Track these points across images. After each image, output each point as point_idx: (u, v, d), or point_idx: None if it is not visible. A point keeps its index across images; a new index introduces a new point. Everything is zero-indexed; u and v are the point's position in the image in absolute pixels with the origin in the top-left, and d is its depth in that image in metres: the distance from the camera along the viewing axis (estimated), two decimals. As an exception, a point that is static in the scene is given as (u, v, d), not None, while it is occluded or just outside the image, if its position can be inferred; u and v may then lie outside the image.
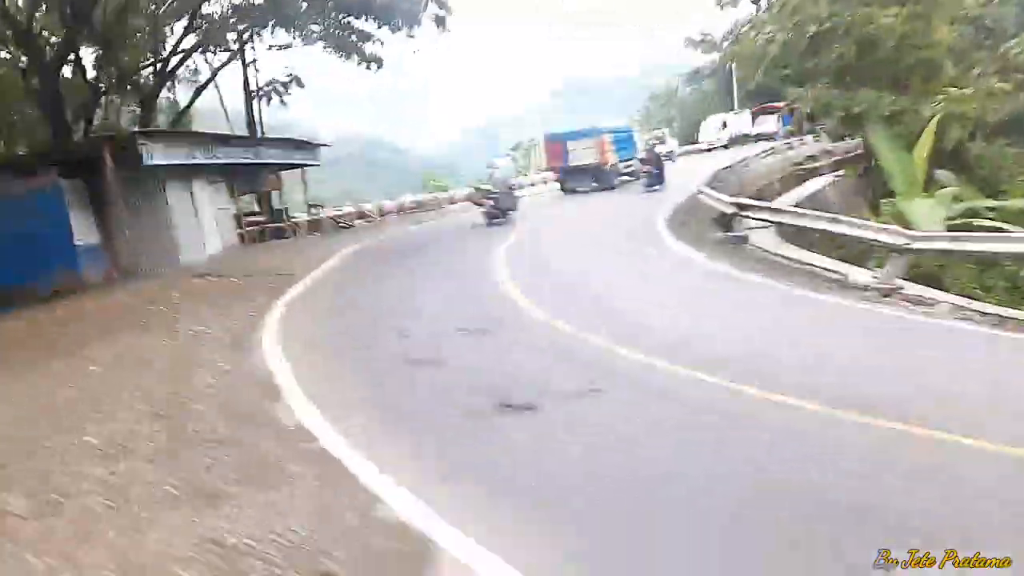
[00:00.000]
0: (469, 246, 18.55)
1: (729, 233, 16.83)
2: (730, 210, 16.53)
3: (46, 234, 15.85)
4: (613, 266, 14.55)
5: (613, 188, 29.89)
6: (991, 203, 15.40)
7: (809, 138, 38.85)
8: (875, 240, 12.33)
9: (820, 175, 30.54)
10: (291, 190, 29.33)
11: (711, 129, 55.01)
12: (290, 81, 22.53)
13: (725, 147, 48.09)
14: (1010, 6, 20.72)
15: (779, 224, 15.83)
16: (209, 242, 19.27)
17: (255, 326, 11.16)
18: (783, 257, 14.54)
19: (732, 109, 58.30)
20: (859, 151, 33.32)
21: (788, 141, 37.69)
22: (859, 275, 12.36)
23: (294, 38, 22.29)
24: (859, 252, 16.24)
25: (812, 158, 35.39)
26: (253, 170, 23.51)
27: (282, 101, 22.59)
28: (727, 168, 25.75)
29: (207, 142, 19.06)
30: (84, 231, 16.41)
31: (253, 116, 25.35)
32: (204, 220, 19.14)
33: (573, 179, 30.67)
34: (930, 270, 13.35)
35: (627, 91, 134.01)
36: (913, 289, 11.48)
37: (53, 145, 18.66)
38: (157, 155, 16.58)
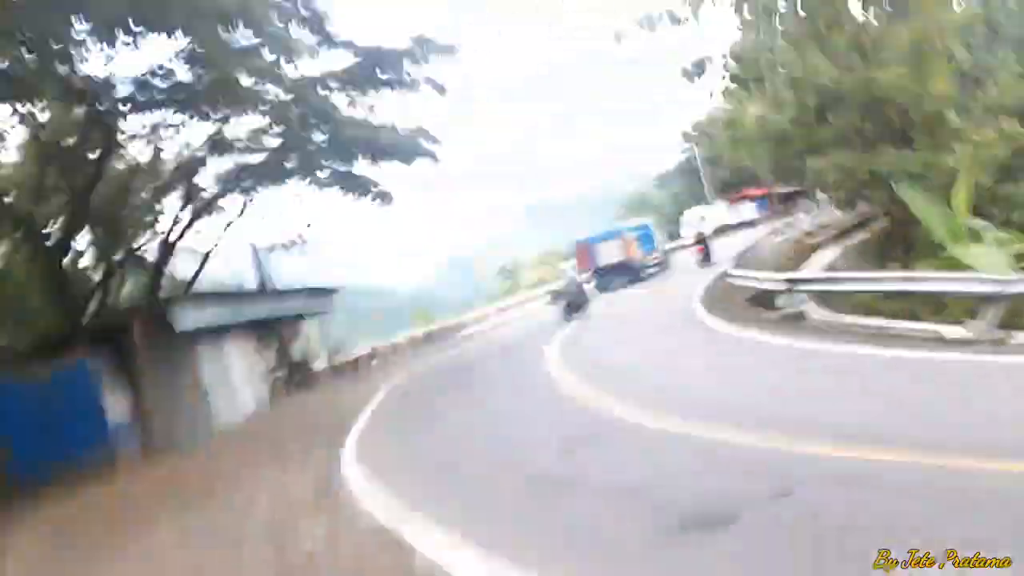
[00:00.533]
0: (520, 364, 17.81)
1: (783, 310, 16.25)
2: (782, 287, 16.00)
3: (75, 415, 14.97)
4: (690, 361, 13.84)
5: (642, 280, 31.56)
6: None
7: (803, 215, 39.25)
8: (962, 291, 11.74)
9: (823, 248, 30.64)
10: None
11: (691, 224, 56.26)
12: (308, 231, 22.52)
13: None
14: (991, 54, 21.34)
15: (839, 292, 15.29)
16: (243, 401, 18.39)
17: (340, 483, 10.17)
18: (856, 326, 13.89)
19: (704, 202, 59.79)
20: (864, 218, 33.75)
21: (787, 221, 37.98)
22: (950, 331, 11.68)
23: (308, 183, 22.39)
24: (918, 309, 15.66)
25: (810, 234, 35.62)
26: (272, 323, 22.97)
27: (303, 250, 22.47)
28: (745, 252, 25.55)
29: (234, 300, 18.56)
30: (115, 409, 15.53)
31: (262, 271, 25.09)
32: (236, 379, 18.34)
33: (605, 278, 32.88)
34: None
35: (589, 206, 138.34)
36: (1019, 338, 10.79)
37: (68, 326, 18.04)
38: (188, 320, 15.98)
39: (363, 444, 12.39)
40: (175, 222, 22.84)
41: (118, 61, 17.09)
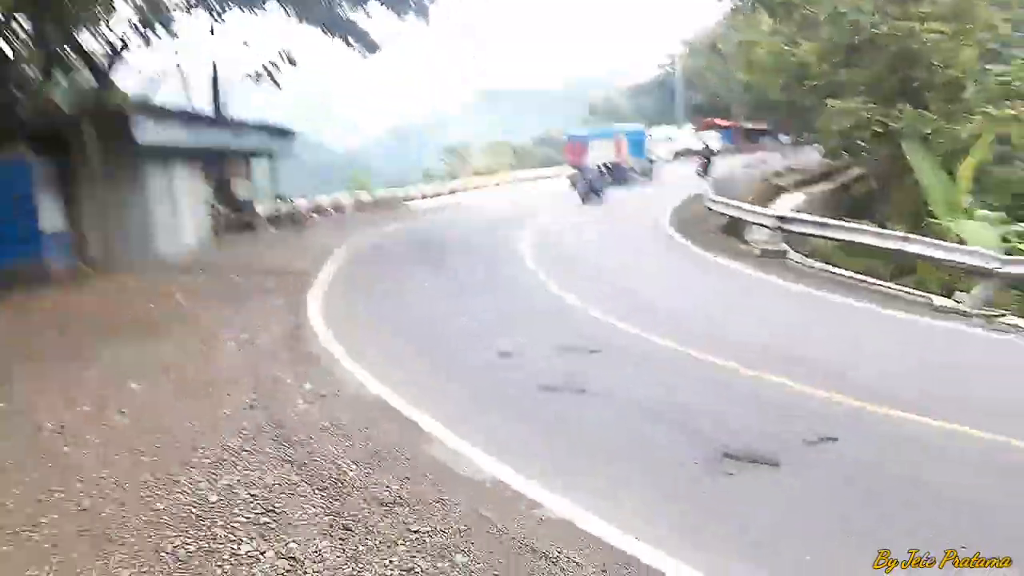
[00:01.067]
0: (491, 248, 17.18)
1: (763, 245, 16.08)
2: (771, 223, 15.75)
3: (4, 217, 13.47)
4: (673, 284, 13.55)
5: (626, 183, 31.63)
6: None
7: (775, 155, 39.23)
8: (962, 262, 11.70)
9: (789, 191, 30.75)
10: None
11: (658, 141, 55.52)
12: (281, 61, 20.38)
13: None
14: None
15: (830, 239, 15.17)
16: (186, 234, 17.05)
17: (302, 337, 9.51)
18: (842, 275, 13.85)
19: (673, 123, 58.90)
20: (830, 169, 34.10)
21: (761, 157, 37.91)
22: (940, 300, 11.72)
23: (289, 15, 20.12)
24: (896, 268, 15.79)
25: (779, 174, 35.71)
26: (220, 156, 21.29)
27: (275, 82, 20.42)
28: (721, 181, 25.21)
29: (191, 123, 16.85)
30: (49, 216, 14.06)
31: (219, 98, 23.01)
32: (182, 209, 16.90)
33: (593, 176, 31.75)
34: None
35: (550, 101, 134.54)
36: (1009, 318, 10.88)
37: (5, 118, 16.03)
38: (148, 133, 14.38)
39: (330, 304, 11.67)
40: (131, 26, 20.45)
41: None
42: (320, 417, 6.53)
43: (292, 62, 20.05)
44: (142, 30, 19.92)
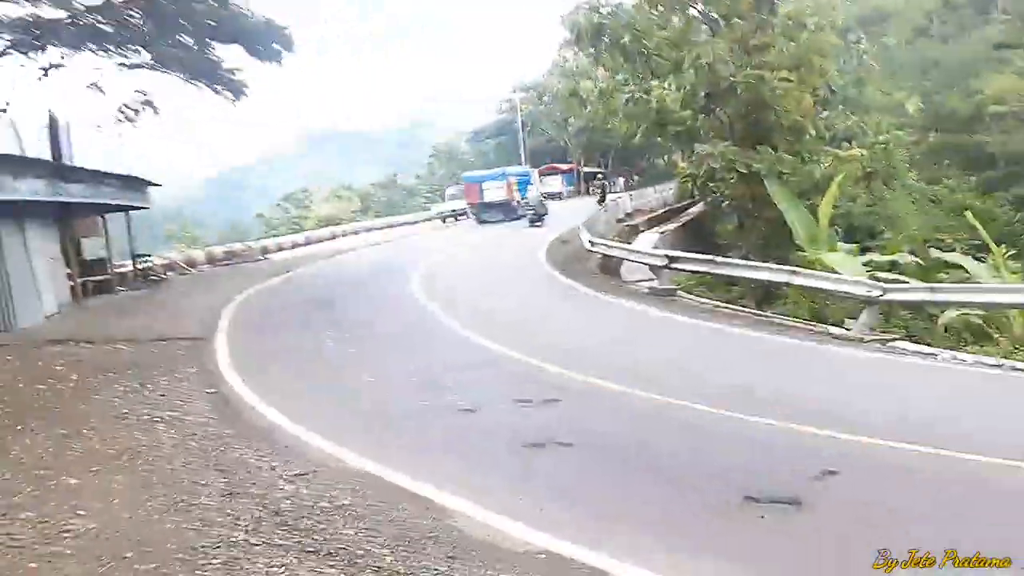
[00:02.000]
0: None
1: (654, 284, 16.81)
2: (660, 262, 16.53)
3: None
4: (600, 333, 13.83)
5: (518, 219, 35.28)
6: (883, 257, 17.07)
7: (624, 196, 41.31)
8: (846, 292, 12.84)
9: (643, 231, 32.54)
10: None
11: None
12: (143, 107, 18.79)
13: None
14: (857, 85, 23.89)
15: (718, 276, 16.12)
16: (46, 299, 15.22)
17: (236, 408, 8.81)
18: (731, 309, 14.76)
19: (518, 166, 60.63)
20: (670, 208, 36.71)
21: (614, 198, 39.75)
22: (835, 329, 12.80)
23: (147, 60, 18.71)
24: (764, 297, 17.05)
25: (629, 215, 37.72)
26: (71, 211, 19.37)
27: (133, 125, 18.80)
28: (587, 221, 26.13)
29: (49, 173, 15.14)
30: None
31: (60, 146, 20.99)
32: (39, 272, 15.09)
33: (487, 212, 38.22)
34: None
35: (379, 144, 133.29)
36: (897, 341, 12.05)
37: None
38: (4, 188, 12.76)
39: (247, 365, 10.87)
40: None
41: None
42: (316, 498, 6.04)
43: (155, 110, 18.75)
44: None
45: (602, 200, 37.13)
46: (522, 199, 38.66)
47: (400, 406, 8.82)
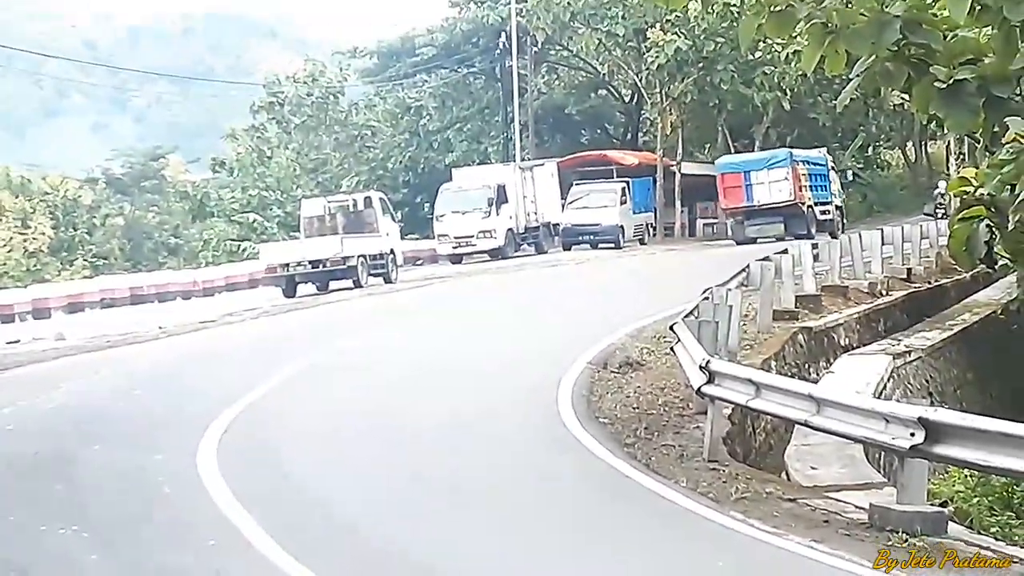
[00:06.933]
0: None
1: (886, 502, 5.42)
2: (905, 437, 2.83)
3: None
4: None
5: (812, 237, 21.01)
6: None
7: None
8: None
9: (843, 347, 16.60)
10: None
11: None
12: None
13: None
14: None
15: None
16: None
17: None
18: None
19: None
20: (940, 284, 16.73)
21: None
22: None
23: None
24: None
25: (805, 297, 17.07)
26: None
27: None
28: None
29: None
30: None
31: None
32: None
33: (756, 224, 23.81)
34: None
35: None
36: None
37: None
38: None
39: None
40: None
41: None
42: None
43: None
44: None
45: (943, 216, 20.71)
46: (816, 202, 26.12)
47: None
